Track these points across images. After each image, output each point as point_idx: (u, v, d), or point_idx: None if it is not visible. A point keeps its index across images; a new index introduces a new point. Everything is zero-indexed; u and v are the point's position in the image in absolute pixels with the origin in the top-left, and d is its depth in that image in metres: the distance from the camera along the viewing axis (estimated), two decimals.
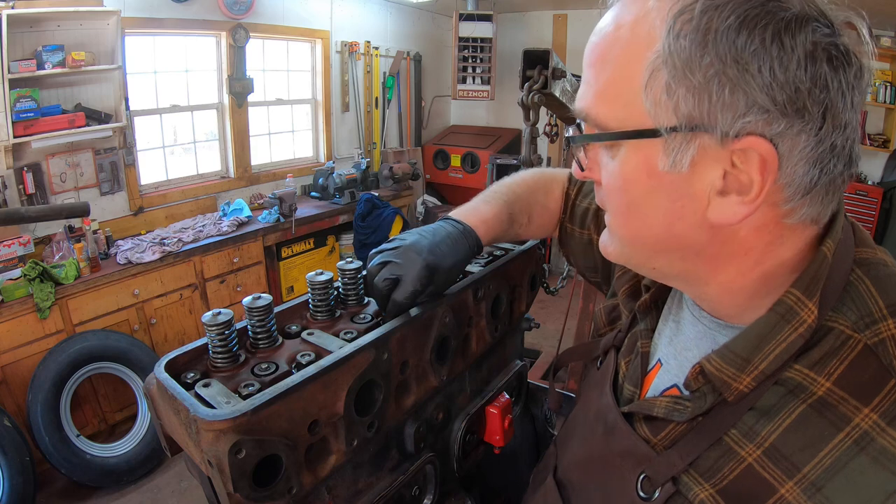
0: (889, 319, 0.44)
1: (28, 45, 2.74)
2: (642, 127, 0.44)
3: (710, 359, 0.49)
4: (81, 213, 1.98)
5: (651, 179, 0.46)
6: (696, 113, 0.41)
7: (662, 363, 0.61)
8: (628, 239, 0.52)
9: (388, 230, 4.19)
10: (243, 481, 0.58)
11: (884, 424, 0.42)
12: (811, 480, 0.43)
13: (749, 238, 0.46)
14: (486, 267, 0.97)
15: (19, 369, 2.52)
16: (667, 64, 0.41)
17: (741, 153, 0.41)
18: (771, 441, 0.46)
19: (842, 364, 0.44)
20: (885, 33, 4.04)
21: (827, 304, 0.46)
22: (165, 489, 2.69)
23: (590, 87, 0.48)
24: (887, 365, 0.43)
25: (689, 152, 0.42)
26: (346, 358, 0.67)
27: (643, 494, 0.54)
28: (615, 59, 0.45)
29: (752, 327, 0.48)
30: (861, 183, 4.24)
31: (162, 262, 3.04)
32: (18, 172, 2.80)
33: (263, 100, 4.24)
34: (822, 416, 0.44)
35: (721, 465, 0.49)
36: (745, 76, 0.39)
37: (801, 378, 0.46)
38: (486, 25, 4.90)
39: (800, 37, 0.39)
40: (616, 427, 0.60)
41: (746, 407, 0.48)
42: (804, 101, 0.39)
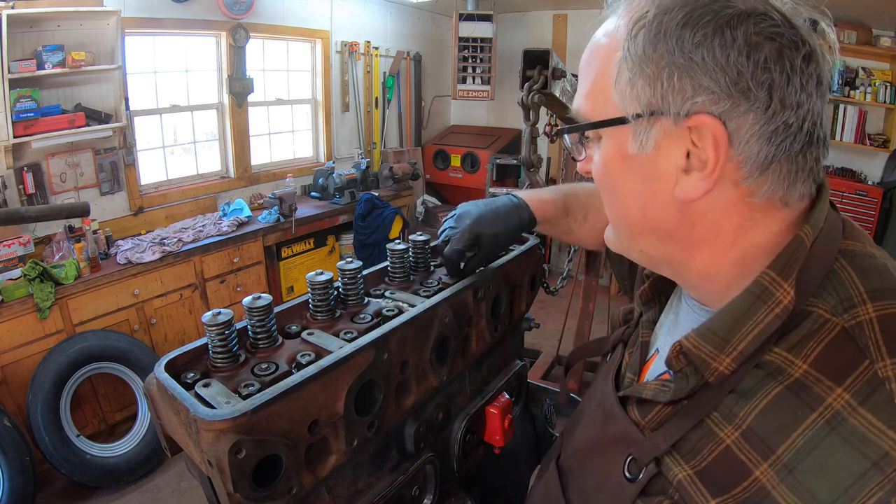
0: (868, 304, 0.45)
1: (28, 45, 2.74)
2: (613, 116, 0.50)
3: (688, 337, 0.51)
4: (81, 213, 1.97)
5: (624, 162, 0.51)
6: (654, 99, 0.47)
7: (660, 351, 0.64)
8: (614, 222, 0.58)
9: (388, 230, 4.19)
10: (243, 481, 0.58)
11: (855, 404, 0.42)
12: (784, 462, 0.44)
13: (718, 219, 0.49)
14: (486, 267, 0.97)
15: (19, 369, 2.52)
16: (626, 61, 0.48)
17: (697, 132, 0.46)
18: (748, 423, 0.47)
19: (818, 346, 0.46)
20: (885, 33, 4.04)
21: (807, 289, 0.48)
22: (165, 489, 2.69)
23: (580, 88, 0.56)
24: (863, 347, 0.44)
25: (653, 135, 0.48)
26: (346, 358, 0.67)
27: (629, 475, 0.56)
28: (597, 62, 0.52)
29: (728, 307, 0.50)
30: (861, 183, 4.24)
31: (162, 262, 3.04)
32: (18, 172, 2.80)
33: (263, 100, 4.24)
34: (798, 397, 0.45)
35: (701, 447, 0.50)
36: (691, 64, 0.45)
37: (779, 361, 0.47)
38: (486, 25, 4.90)
39: (741, 28, 0.44)
40: (612, 413, 0.62)
41: (728, 390, 0.49)
42: (747, 83, 0.44)
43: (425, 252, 0.98)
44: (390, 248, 0.95)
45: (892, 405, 0.41)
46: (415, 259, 0.98)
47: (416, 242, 0.98)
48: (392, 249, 0.94)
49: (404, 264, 0.95)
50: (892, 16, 3.82)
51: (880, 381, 0.42)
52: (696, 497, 0.49)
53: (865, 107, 4.23)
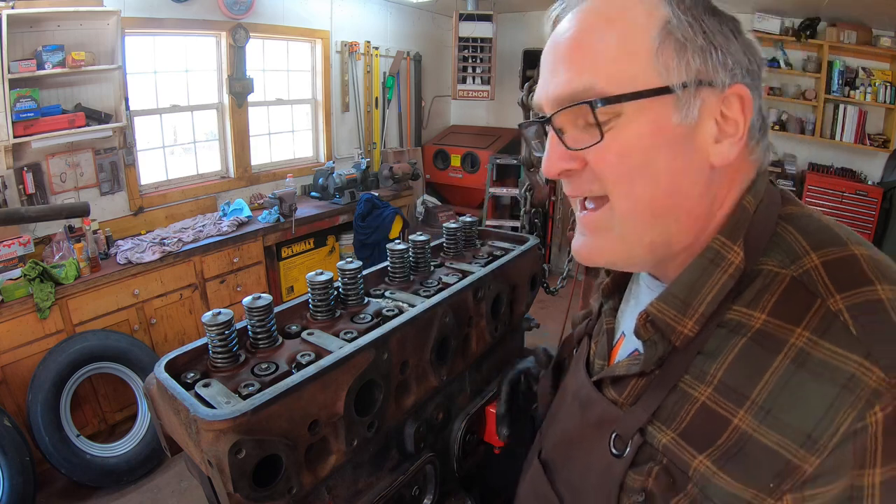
0: (811, 253, 0.50)
1: (28, 45, 2.74)
2: (655, 86, 0.49)
3: (652, 304, 0.55)
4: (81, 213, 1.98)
5: (659, 137, 0.51)
6: (703, 69, 0.50)
7: (626, 334, 0.67)
8: (634, 211, 0.53)
9: (388, 230, 4.19)
10: (243, 481, 0.58)
11: (815, 338, 0.46)
12: (759, 405, 0.47)
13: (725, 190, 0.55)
14: (486, 267, 0.97)
15: (19, 369, 2.52)
16: (678, 30, 0.50)
17: (727, 102, 0.51)
18: (719, 378, 0.51)
19: (773, 297, 0.50)
20: (885, 33, 4.04)
21: (755, 251, 0.52)
22: (165, 489, 2.69)
23: (581, 68, 0.51)
24: (813, 290, 0.48)
25: (697, 105, 0.50)
26: (346, 358, 0.67)
27: (616, 452, 0.58)
28: (610, 38, 0.51)
29: (686, 271, 0.54)
30: (861, 183, 4.24)
31: (162, 262, 3.03)
32: (18, 172, 2.80)
33: (263, 100, 4.24)
34: (761, 345, 0.49)
35: (678, 410, 0.53)
36: (727, 42, 0.51)
37: (740, 317, 0.51)
38: (486, 25, 4.90)
39: (739, 24, 0.53)
40: (589, 398, 0.64)
41: (695, 352, 0.53)
42: (755, 67, 0.53)
43: (425, 252, 0.98)
44: (390, 248, 0.95)
45: (848, 333, 0.45)
46: (415, 259, 0.98)
47: (416, 242, 0.98)
48: (392, 249, 0.95)
49: (404, 264, 0.95)
50: (892, 16, 3.82)
51: (833, 314, 0.46)
52: (683, 456, 0.52)
53: (865, 107, 4.23)
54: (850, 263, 0.48)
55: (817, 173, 4.41)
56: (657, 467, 0.54)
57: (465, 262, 1.05)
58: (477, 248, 1.12)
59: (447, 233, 1.08)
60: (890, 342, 0.44)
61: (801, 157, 4.59)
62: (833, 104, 4.30)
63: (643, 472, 0.55)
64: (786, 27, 4.30)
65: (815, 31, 4.19)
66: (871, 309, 0.45)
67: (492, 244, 1.17)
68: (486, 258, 1.06)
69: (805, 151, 4.58)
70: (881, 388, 0.42)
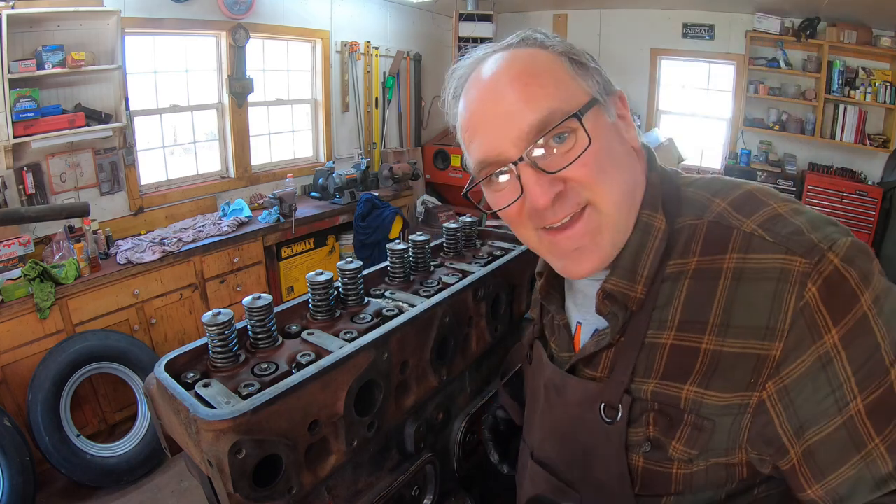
0: (716, 199, 0.61)
1: (28, 45, 2.74)
2: (589, 98, 0.60)
3: (608, 280, 0.63)
4: (81, 213, 1.98)
5: (608, 131, 0.61)
6: (600, 83, 0.62)
7: (581, 322, 0.73)
8: (618, 198, 0.61)
9: (388, 230, 4.19)
10: (243, 481, 0.58)
11: (743, 255, 0.56)
12: (719, 324, 0.56)
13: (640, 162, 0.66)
14: (486, 267, 0.97)
15: (19, 369, 2.52)
16: (575, 64, 0.62)
17: (617, 102, 0.64)
18: (678, 320, 0.59)
19: (698, 242, 0.60)
20: (885, 33, 4.04)
21: (672, 214, 0.63)
22: (165, 489, 2.68)
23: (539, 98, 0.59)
24: (727, 225, 0.58)
25: (611, 107, 0.63)
26: (346, 358, 0.67)
27: (608, 420, 0.64)
28: (545, 73, 0.60)
29: (627, 246, 0.63)
30: (861, 183, 4.24)
31: (162, 262, 3.03)
32: (18, 172, 2.80)
33: (263, 100, 4.24)
34: (702, 279, 0.58)
35: (652, 361, 0.61)
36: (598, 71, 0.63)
37: (677, 268, 0.61)
38: (486, 25, 4.90)
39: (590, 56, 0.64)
40: (566, 384, 0.70)
41: (650, 309, 0.61)
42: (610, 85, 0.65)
43: (425, 252, 0.98)
44: (390, 248, 0.95)
45: (766, 242, 0.55)
46: (415, 259, 0.98)
47: (416, 242, 0.98)
48: (392, 249, 0.95)
49: (404, 264, 0.95)
50: (892, 16, 3.82)
51: (749, 234, 0.56)
52: (672, 392, 0.59)
53: (865, 107, 4.23)
54: (747, 196, 0.60)
55: (817, 173, 4.41)
56: (652, 414, 0.61)
57: (465, 262, 1.05)
58: (477, 248, 1.12)
59: (447, 233, 1.08)
60: (799, 236, 0.54)
61: (801, 157, 4.59)
62: (833, 104, 4.30)
63: (642, 424, 0.62)
64: (786, 27, 4.30)
65: (815, 31, 4.19)
66: (776, 220, 0.56)
67: (492, 244, 1.17)
68: (486, 258, 1.06)
69: (805, 151, 4.58)
70: (806, 269, 0.52)
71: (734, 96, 4.71)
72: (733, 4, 4.40)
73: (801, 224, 0.55)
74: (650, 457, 0.62)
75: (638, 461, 0.63)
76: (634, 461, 0.63)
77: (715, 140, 4.99)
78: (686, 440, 0.59)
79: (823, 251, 0.52)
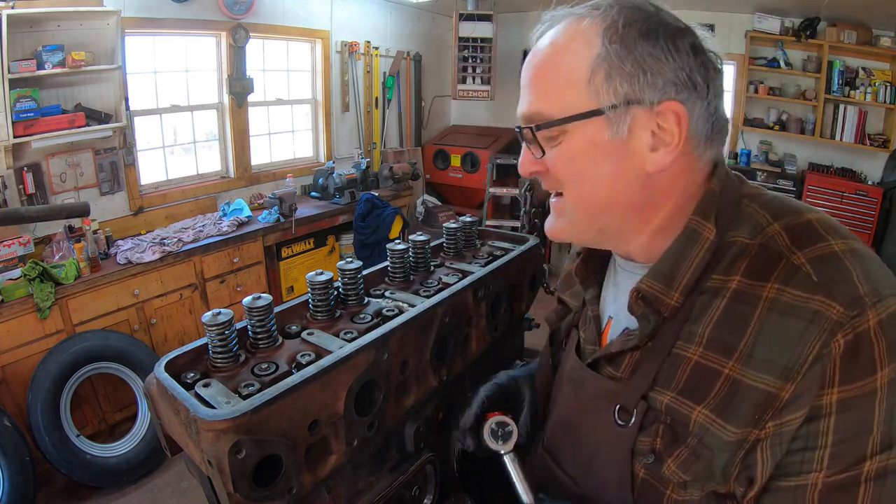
0: (774, 224, 0.58)
1: (28, 45, 2.74)
2: (587, 109, 0.58)
3: (642, 281, 0.62)
4: (81, 213, 1.98)
5: (596, 149, 0.59)
6: (630, 92, 0.57)
7: (613, 318, 0.72)
8: (579, 206, 0.63)
9: (388, 230, 4.19)
10: (243, 481, 0.58)
11: (783, 287, 0.53)
12: (746, 353, 0.54)
13: (670, 185, 0.61)
14: (486, 267, 0.98)
15: (19, 369, 2.52)
16: (605, 62, 0.57)
17: (662, 116, 0.57)
18: (707, 336, 0.57)
19: (744, 263, 0.57)
20: (885, 33, 4.04)
21: (725, 226, 0.60)
22: (165, 489, 2.68)
23: (536, 94, 0.62)
24: (777, 252, 0.55)
25: (627, 122, 0.58)
26: (346, 358, 0.67)
27: (621, 423, 0.63)
28: (558, 68, 0.60)
29: (669, 250, 0.61)
30: (861, 183, 4.24)
31: (162, 262, 3.03)
32: (18, 172, 2.79)
33: (263, 100, 4.24)
34: (740, 302, 0.56)
35: (674, 372, 0.59)
36: (658, 64, 0.57)
37: (718, 283, 0.58)
38: (486, 25, 4.90)
39: (684, 40, 0.58)
40: (584, 379, 0.70)
41: (683, 319, 0.60)
42: (695, 79, 0.58)
43: (425, 252, 0.98)
44: (390, 248, 0.95)
45: (810, 280, 0.52)
46: (415, 259, 0.98)
47: (416, 242, 0.98)
48: (392, 249, 0.95)
49: (404, 264, 0.95)
50: (892, 16, 3.82)
51: (796, 267, 0.54)
52: (684, 410, 0.58)
53: (865, 107, 4.23)
54: (806, 227, 0.56)
55: (817, 173, 4.41)
56: (662, 426, 0.60)
57: (465, 262, 1.05)
58: (477, 248, 1.12)
59: (447, 233, 1.08)
60: (846, 283, 0.51)
61: (801, 157, 4.59)
62: (833, 104, 4.30)
63: (650, 434, 0.61)
64: (786, 27, 4.30)
65: (815, 31, 4.19)
66: (827, 259, 0.53)
67: (492, 244, 1.17)
68: (486, 258, 1.06)
69: (805, 151, 4.58)
70: (842, 319, 0.50)
71: (734, 96, 4.71)
72: (733, 4, 4.40)
73: (853, 270, 0.52)
74: (650, 469, 0.62)
75: (639, 470, 0.62)
76: (636, 469, 0.63)
77: None
78: (681, 462, 0.58)
79: (866, 306, 0.50)
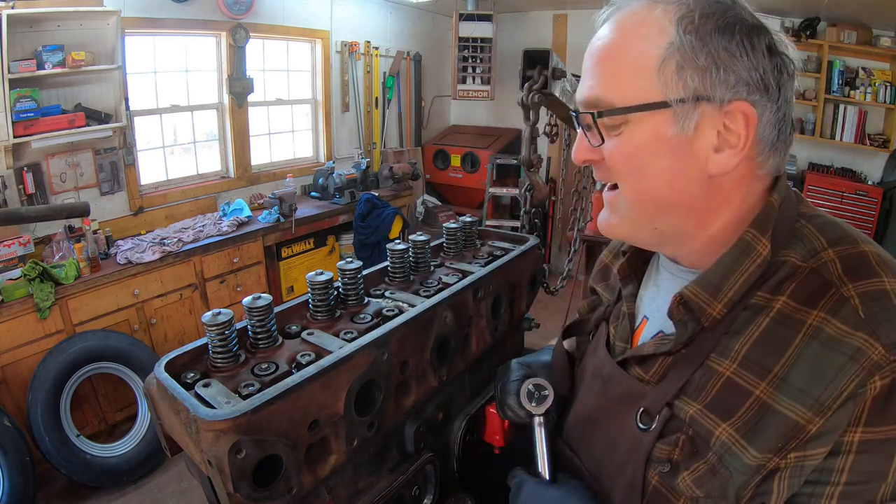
0: (829, 249, 0.56)
1: (28, 45, 2.74)
2: (653, 101, 0.55)
3: (688, 287, 0.60)
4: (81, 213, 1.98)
5: (659, 144, 0.57)
6: (702, 86, 0.54)
7: (648, 318, 0.71)
8: (636, 201, 0.61)
9: (388, 230, 4.19)
10: (243, 481, 0.58)
11: (829, 318, 0.52)
12: (780, 377, 0.53)
13: (732, 190, 0.59)
14: (486, 267, 0.98)
15: (19, 369, 2.52)
16: (678, 52, 0.54)
17: (731, 116, 0.55)
18: (743, 354, 0.56)
19: (793, 284, 0.56)
20: (885, 33, 4.04)
21: (779, 244, 0.59)
22: (165, 489, 2.68)
23: (600, 78, 0.58)
24: (829, 280, 0.54)
25: (694, 118, 0.55)
26: (346, 358, 0.67)
27: (643, 426, 0.62)
28: (625, 54, 0.57)
29: (721, 259, 0.60)
30: (861, 183, 4.24)
31: (162, 262, 3.03)
32: (18, 172, 2.79)
33: (263, 100, 4.24)
34: (783, 324, 0.55)
35: (705, 383, 0.58)
36: (733, 60, 0.54)
37: (763, 301, 0.57)
38: (486, 25, 4.90)
39: (760, 38, 0.55)
40: (612, 376, 0.69)
41: (722, 332, 0.58)
42: (768, 81, 0.55)
43: (425, 252, 0.98)
44: (390, 248, 0.95)
45: (857, 315, 0.51)
46: (415, 259, 0.98)
47: (416, 242, 0.98)
48: (392, 249, 0.95)
49: (404, 264, 0.95)
50: (892, 16, 3.82)
51: (845, 299, 0.52)
52: (708, 425, 0.57)
53: (865, 107, 4.23)
54: (861, 258, 0.55)
55: (817, 173, 4.41)
56: (683, 437, 0.59)
57: (465, 262, 1.05)
58: (477, 248, 1.12)
59: (447, 233, 1.08)
60: (893, 324, 0.50)
61: (801, 157, 4.58)
62: (833, 104, 4.30)
63: (670, 443, 0.60)
64: (786, 27, 4.30)
65: (815, 31, 4.19)
66: (878, 296, 0.52)
67: (492, 244, 1.17)
68: (486, 258, 1.06)
69: (805, 151, 4.57)
70: (882, 361, 0.49)
71: None
72: None
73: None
74: (664, 479, 0.60)
75: (652, 478, 0.61)
76: (649, 476, 0.62)
77: None
78: (697, 477, 0.58)
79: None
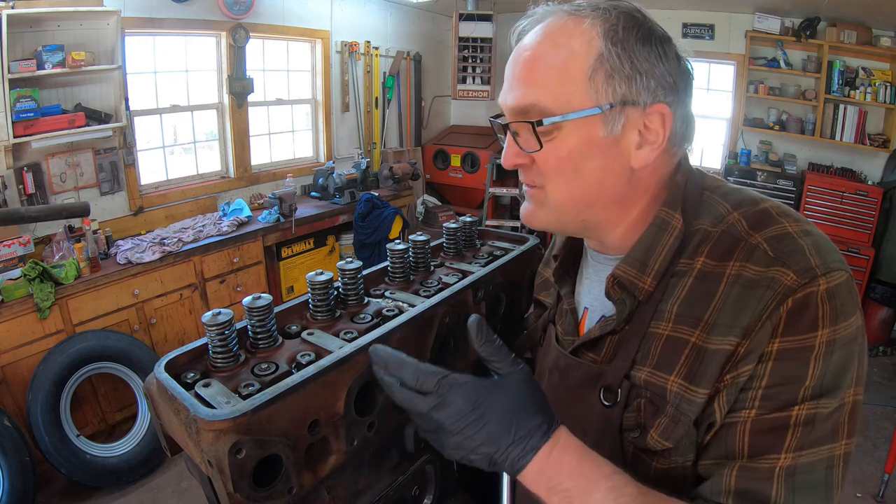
0: (734, 213, 0.64)
1: (28, 45, 2.74)
2: (586, 107, 0.61)
3: (618, 267, 0.67)
4: (81, 213, 1.97)
5: (590, 146, 0.62)
6: (628, 93, 0.61)
7: (588, 308, 0.77)
8: (565, 199, 0.66)
9: (388, 230, 4.19)
10: (243, 481, 0.58)
11: (744, 263, 0.59)
12: (711, 323, 0.59)
13: (648, 179, 0.67)
14: (486, 267, 0.97)
15: (19, 369, 2.52)
16: (607, 62, 0.60)
17: (650, 116, 0.62)
18: (675, 312, 0.63)
19: (708, 246, 0.63)
20: (885, 33, 4.04)
21: (690, 215, 0.66)
22: (165, 489, 2.69)
23: (533, 86, 0.62)
24: (737, 236, 0.62)
25: (621, 121, 0.61)
26: (345, 358, 0.67)
27: (607, 403, 0.67)
28: (557, 63, 0.61)
29: (642, 238, 0.67)
30: (861, 183, 4.24)
31: (162, 262, 3.03)
32: (18, 172, 2.79)
33: (263, 100, 4.24)
34: (705, 280, 0.62)
35: (649, 348, 0.64)
36: (652, 68, 0.61)
37: (685, 267, 0.64)
38: (486, 25, 4.90)
39: (671, 47, 0.64)
40: (568, 365, 0.74)
41: (657, 301, 0.65)
42: (678, 83, 0.63)
43: (425, 252, 0.98)
44: (390, 248, 0.95)
45: (767, 255, 0.58)
46: (415, 259, 0.98)
47: (416, 242, 0.98)
48: (392, 249, 0.94)
49: (404, 264, 0.95)
50: (892, 16, 3.82)
51: (754, 246, 0.60)
52: (660, 382, 0.62)
53: (865, 107, 4.23)
54: (763, 213, 0.62)
55: (817, 173, 4.41)
56: (643, 401, 0.64)
57: (465, 262, 1.05)
58: (477, 248, 1.12)
59: (447, 233, 1.08)
60: (799, 255, 0.57)
61: (800, 157, 4.59)
62: (833, 104, 4.30)
63: (634, 409, 0.65)
64: (786, 27, 4.30)
65: (815, 31, 4.19)
66: (782, 238, 0.59)
67: (492, 244, 1.17)
68: (486, 258, 1.06)
69: (805, 151, 4.58)
70: (794, 285, 0.56)
71: (734, 96, 4.71)
72: (733, 4, 4.40)
73: (805, 245, 0.58)
74: (638, 443, 0.65)
75: (629, 446, 0.66)
76: (626, 445, 0.67)
77: (715, 140, 4.98)
78: (662, 430, 0.62)
79: (817, 275, 0.55)
